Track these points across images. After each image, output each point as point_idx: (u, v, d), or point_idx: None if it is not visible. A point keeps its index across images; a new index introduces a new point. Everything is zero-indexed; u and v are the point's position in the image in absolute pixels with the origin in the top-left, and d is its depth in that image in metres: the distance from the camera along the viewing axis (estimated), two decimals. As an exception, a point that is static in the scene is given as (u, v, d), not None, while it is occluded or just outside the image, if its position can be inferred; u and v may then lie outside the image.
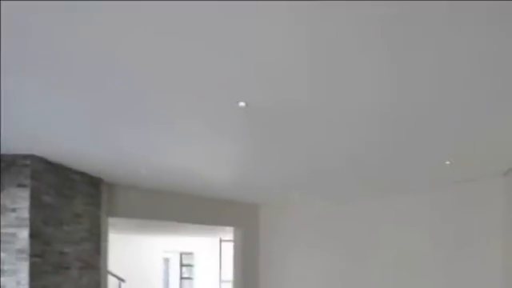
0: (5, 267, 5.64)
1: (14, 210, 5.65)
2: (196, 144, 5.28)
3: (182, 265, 22.39)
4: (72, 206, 6.68)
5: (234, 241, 10.38)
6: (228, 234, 12.07)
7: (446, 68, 3.06)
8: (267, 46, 2.78)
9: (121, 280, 9.73)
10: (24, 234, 5.68)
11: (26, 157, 5.69)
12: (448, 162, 5.84)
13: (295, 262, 9.93)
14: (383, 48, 2.78)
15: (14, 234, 5.65)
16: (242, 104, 3.83)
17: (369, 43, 2.71)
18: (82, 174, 6.91)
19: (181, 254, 22.24)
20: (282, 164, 6.20)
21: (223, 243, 19.84)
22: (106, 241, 7.56)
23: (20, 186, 5.67)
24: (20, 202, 5.67)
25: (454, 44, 2.71)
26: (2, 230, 5.64)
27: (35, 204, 5.85)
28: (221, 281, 20.18)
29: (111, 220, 7.99)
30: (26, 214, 5.68)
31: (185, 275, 22.30)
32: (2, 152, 5.50)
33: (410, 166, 6.13)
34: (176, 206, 8.72)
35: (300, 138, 4.98)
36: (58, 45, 2.75)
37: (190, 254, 21.53)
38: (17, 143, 5.15)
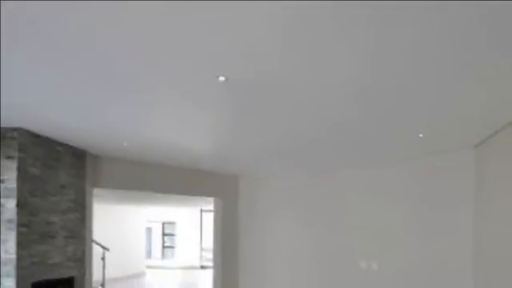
0: (-5, 237, 5.73)
1: (2, 181, 5.72)
2: (178, 117, 5.35)
3: (164, 234, 22.60)
4: (58, 177, 6.73)
5: (215, 211, 10.51)
6: (209, 204, 12.20)
7: (419, 46, 3.16)
8: (248, 23, 2.85)
9: (105, 249, 9.82)
10: (11, 204, 5.75)
11: (14, 130, 5.74)
12: (421, 135, 5.96)
13: (273, 231, 10.15)
14: (359, 26, 2.87)
15: (2, 205, 5.71)
16: (221, 78, 3.91)
17: (345, 21, 2.80)
18: (68, 147, 6.95)
19: (163, 224, 22.45)
20: (261, 136, 6.29)
21: (204, 213, 20.10)
22: (90, 211, 7.63)
23: (8, 157, 5.72)
24: (8, 174, 5.73)
25: (426, 23, 2.81)
26: (-8, 201, 5.72)
27: (22, 175, 5.91)
28: (201, 249, 20.46)
29: (96, 191, 8.04)
30: (13, 184, 5.74)
31: (167, 244, 22.53)
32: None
33: (386, 138, 6.23)
34: (158, 177, 8.81)
35: (279, 112, 5.05)
36: (44, 20, 2.79)
37: (172, 223, 21.74)
38: (5, 117, 5.17)
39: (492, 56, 3.37)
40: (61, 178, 6.79)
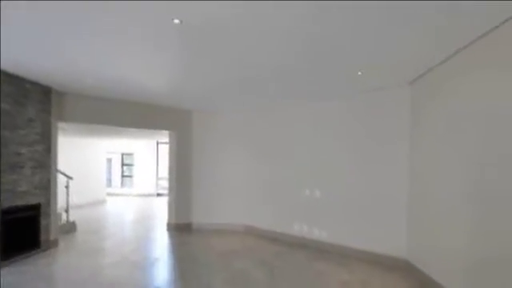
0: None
1: (-25, 117, 5.81)
2: (136, 57, 5.51)
3: (123, 164, 22.64)
4: (26, 112, 6.87)
5: (170, 143, 10.71)
6: (164, 136, 12.32)
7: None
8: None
9: (69, 178, 9.91)
10: (-17, 137, 5.87)
11: (-14, 69, 5.79)
12: (360, 73, 6.22)
13: (223, 160, 10.55)
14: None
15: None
16: (176, 21, 4.13)
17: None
18: (35, 84, 7.05)
19: (122, 155, 22.47)
20: (212, 74, 6.48)
21: (160, 145, 20.30)
22: (55, 143, 7.76)
23: (-19, 95, 5.79)
24: (-20, 109, 5.81)
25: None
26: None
27: (-6, 111, 6.02)
28: (157, 178, 20.77)
29: (60, 124, 8.15)
30: (-15, 119, 5.84)
31: (126, 173, 22.63)
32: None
33: (328, 76, 6.44)
34: (118, 112, 9.01)
35: (229, 52, 5.26)
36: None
37: (130, 154, 21.81)
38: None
39: (424, 9, 3.76)
40: (29, 112, 6.92)
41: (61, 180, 8.86)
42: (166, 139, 11.30)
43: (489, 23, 4.08)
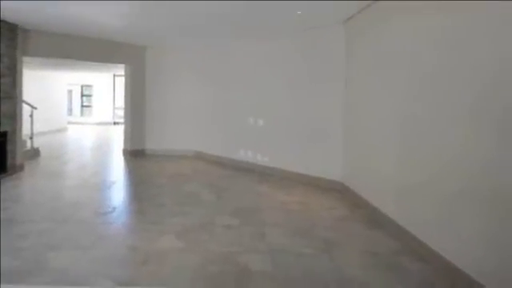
0: None
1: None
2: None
3: (82, 95, 22.53)
4: (-4, 48, 7.01)
5: (125, 75, 10.99)
6: (120, 70, 12.37)
7: None
8: None
9: (33, 107, 9.93)
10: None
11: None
12: (299, 12, 6.23)
13: (175, 92, 10.76)
14: None
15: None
16: None
17: None
18: (3, 22, 7.12)
19: (82, 87, 22.32)
20: (164, 12, 6.55)
21: (116, 77, 20.36)
22: (20, 76, 7.92)
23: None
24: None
25: None
26: None
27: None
28: (114, 108, 20.93)
29: (25, 59, 8.22)
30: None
31: (85, 104, 22.57)
32: None
33: (269, 15, 6.50)
34: (78, 47, 9.19)
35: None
36: None
37: (90, 86, 21.72)
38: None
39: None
40: (-1, 48, 7.05)
41: (26, 109, 8.97)
42: (123, 72, 11.40)
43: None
